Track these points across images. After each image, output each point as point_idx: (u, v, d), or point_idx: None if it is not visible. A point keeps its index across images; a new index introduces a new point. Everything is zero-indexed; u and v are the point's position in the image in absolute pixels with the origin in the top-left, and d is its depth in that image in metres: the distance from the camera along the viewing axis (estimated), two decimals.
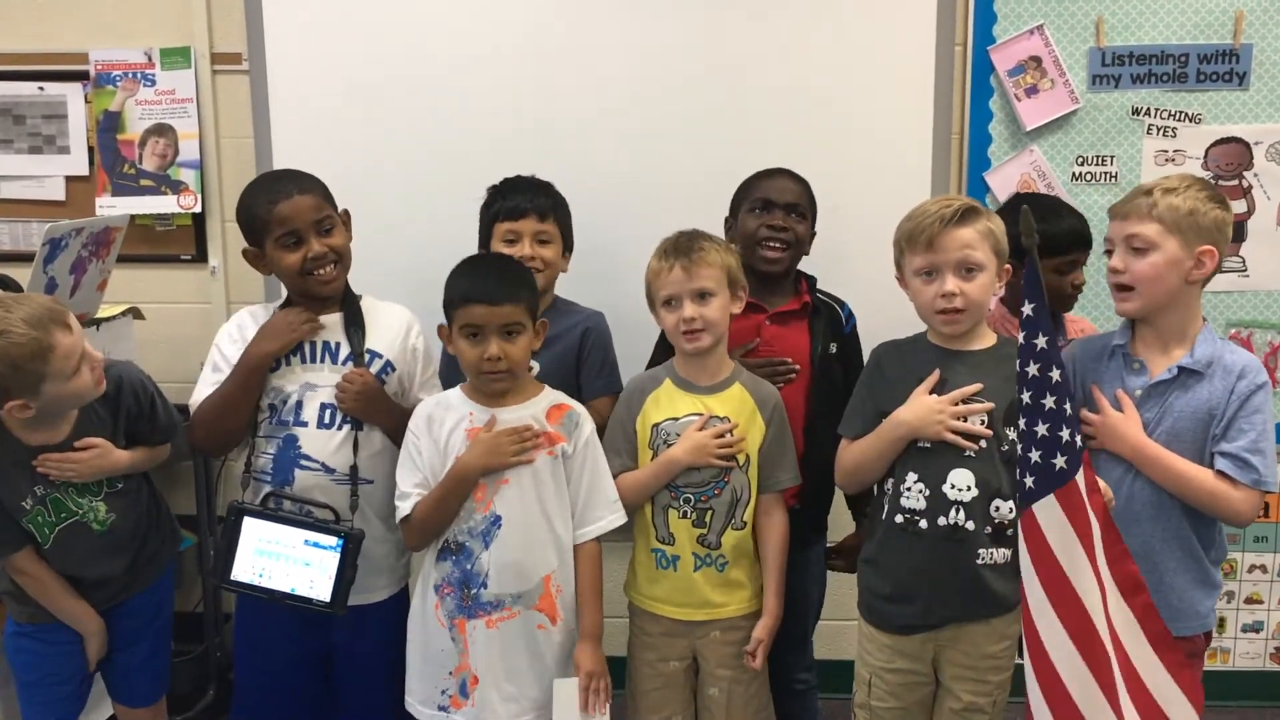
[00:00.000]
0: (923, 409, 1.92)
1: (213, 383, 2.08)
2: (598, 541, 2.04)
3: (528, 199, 2.28)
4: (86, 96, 2.88)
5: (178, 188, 2.89)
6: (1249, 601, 2.98)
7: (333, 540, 1.99)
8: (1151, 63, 2.73)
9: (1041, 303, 1.61)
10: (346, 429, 2.06)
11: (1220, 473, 1.88)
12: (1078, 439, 1.63)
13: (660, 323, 2.12)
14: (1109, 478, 1.93)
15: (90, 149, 2.90)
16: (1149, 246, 1.89)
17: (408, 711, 2.05)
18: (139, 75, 2.86)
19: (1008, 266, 1.97)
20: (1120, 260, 1.93)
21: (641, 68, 2.74)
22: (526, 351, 1.98)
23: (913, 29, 2.73)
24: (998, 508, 1.89)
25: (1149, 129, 2.76)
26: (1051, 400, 1.61)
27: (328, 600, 1.99)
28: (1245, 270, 2.80)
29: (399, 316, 2.19)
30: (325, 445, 2.06)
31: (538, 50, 2.74)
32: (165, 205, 2.89)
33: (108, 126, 2.88)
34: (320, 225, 2.06)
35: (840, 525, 2.41)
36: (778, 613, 2.08)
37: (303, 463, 2.05)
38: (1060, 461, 1.62)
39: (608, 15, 2.73)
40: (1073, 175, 2.78)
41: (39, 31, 2.86)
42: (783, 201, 2.27)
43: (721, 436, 2.03)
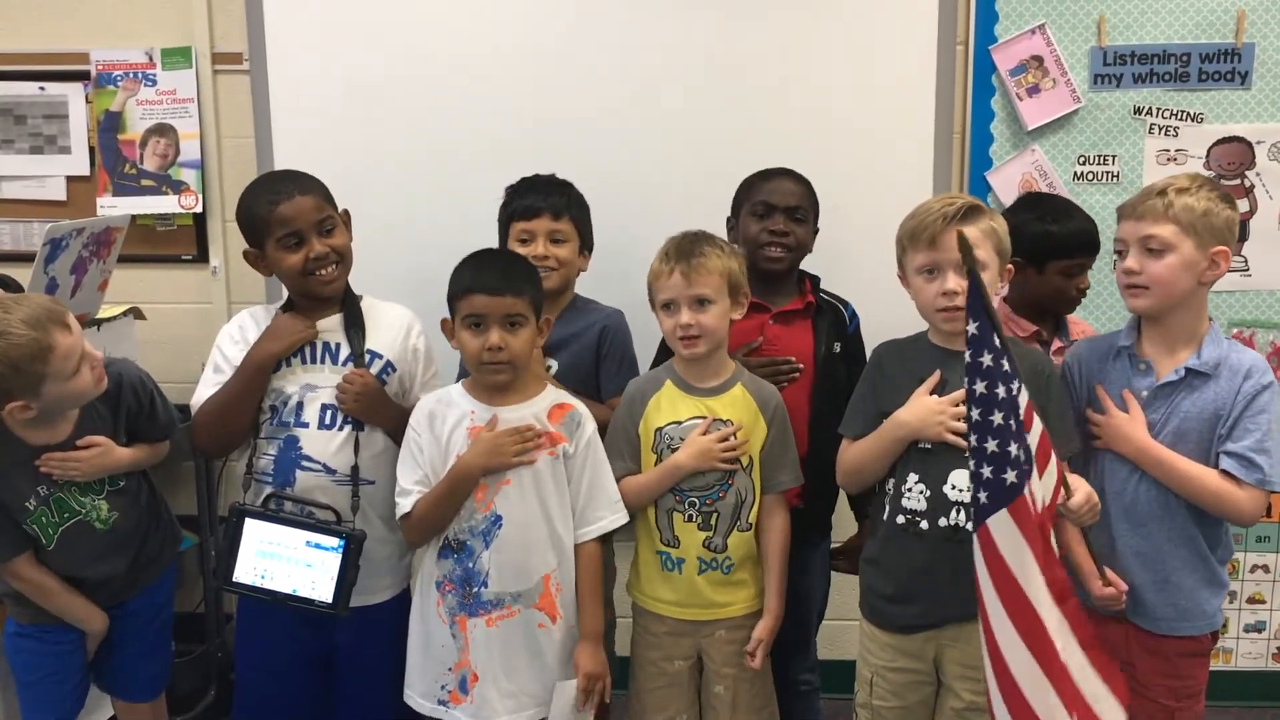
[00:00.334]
0: (923, 410, 1.91)
1: (214, 383, 2.08)
2: (598, 541, 2.03)
3: (541, 198, 2.28)
4: (87, 96, 2.88)
5: (179, 188, 2.89)
6: (1251, 601, 2.98)
7: (334, 541, 1.98)
8: (1153, 62, 2.73)
9: (985, 321, 1.60)
10: (348, 430, 2.06)
11: (1225, 472, 1.87)
12: (1025, 453, 1.62)
13: (659, 324, 2.11)
14: (1115, 478, 1.93)
15: (91, 149, 2.90)
16: (1165, 248, 1.86)
17: (408, 709, 2.05)
18: (140, 75, 2.86)
19: (1010, 266, 1.97)
20: (1136, 261, 1.90)
21: (641, 68, 2.73)
22: (528, 345, 1.97)
23: (914, 28, 2.72)
24: None
25: (1151, 128, 2.75)
26: (999, 416, 1.61)
27: (330, 601, 1.99)
28: (1247, 270, 2.80)
29: (399, 317, 2.19)
30: (326, 446, 2.05)
31: (538, 50, 2.74)
32: (166, 205, 2.89)
33: (109, 126, 2.88)
34: (321, 226, 2.06)
35: (844, 525, 2.40)
36: (778, 613, 2.08)
37: (304, 464, 2.05)
38: (1011, 476, 1.62)
39: (608, 15, 2.73)
40: (1074, 175, 2.78)
41: (40, 31, 2.86)
42: (783, 205, 2.26)
43: (725, 440, 2.03)
